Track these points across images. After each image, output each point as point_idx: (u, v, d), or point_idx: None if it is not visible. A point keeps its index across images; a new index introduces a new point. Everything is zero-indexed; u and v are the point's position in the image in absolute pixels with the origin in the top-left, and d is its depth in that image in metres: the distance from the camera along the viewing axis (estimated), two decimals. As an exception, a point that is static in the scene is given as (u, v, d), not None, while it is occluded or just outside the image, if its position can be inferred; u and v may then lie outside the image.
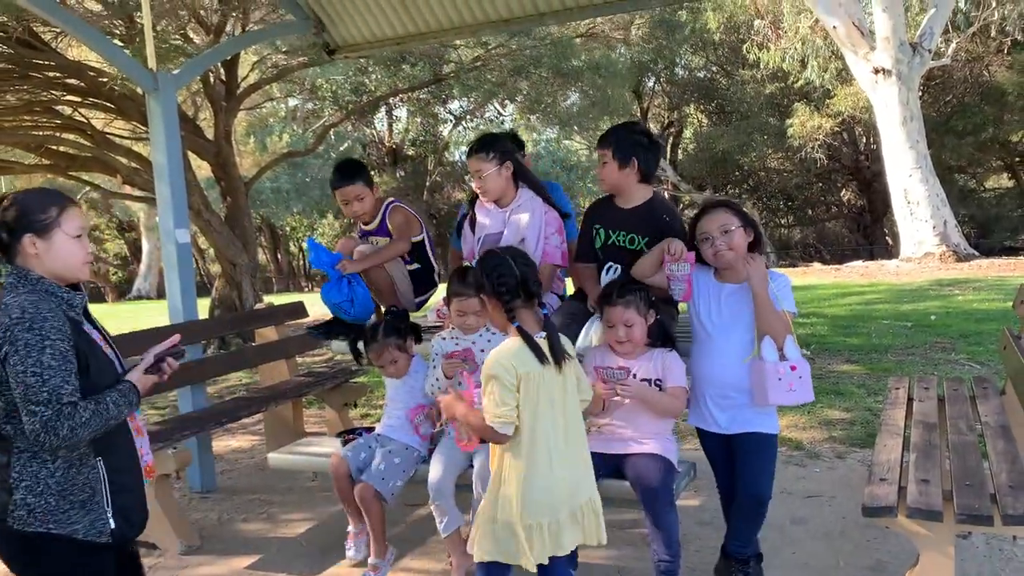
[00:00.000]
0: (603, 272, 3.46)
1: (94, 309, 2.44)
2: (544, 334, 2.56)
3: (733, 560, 3.19)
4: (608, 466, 3.15)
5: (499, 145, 3.75)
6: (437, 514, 3.37)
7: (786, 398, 2.98)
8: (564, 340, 2.64)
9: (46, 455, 2.15)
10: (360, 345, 3.72)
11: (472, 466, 3.36)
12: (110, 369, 2.29)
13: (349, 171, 4.04)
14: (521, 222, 3.71)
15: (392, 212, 4.09)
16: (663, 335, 3.23)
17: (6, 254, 2.23)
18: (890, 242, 24.99)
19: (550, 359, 2.51)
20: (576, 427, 2.64)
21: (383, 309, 4.10)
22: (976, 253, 17.48)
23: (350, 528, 3.65)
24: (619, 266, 3.43)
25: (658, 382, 3.16)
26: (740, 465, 3.14)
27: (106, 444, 2.24)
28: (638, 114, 31.12)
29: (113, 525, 2.25)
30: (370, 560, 3.53)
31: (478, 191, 3.79)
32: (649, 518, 3.01)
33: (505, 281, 2.56)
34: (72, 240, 2.25)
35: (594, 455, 3.13)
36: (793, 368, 2.95)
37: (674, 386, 3.15)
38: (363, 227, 4.21)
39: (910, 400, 3.96)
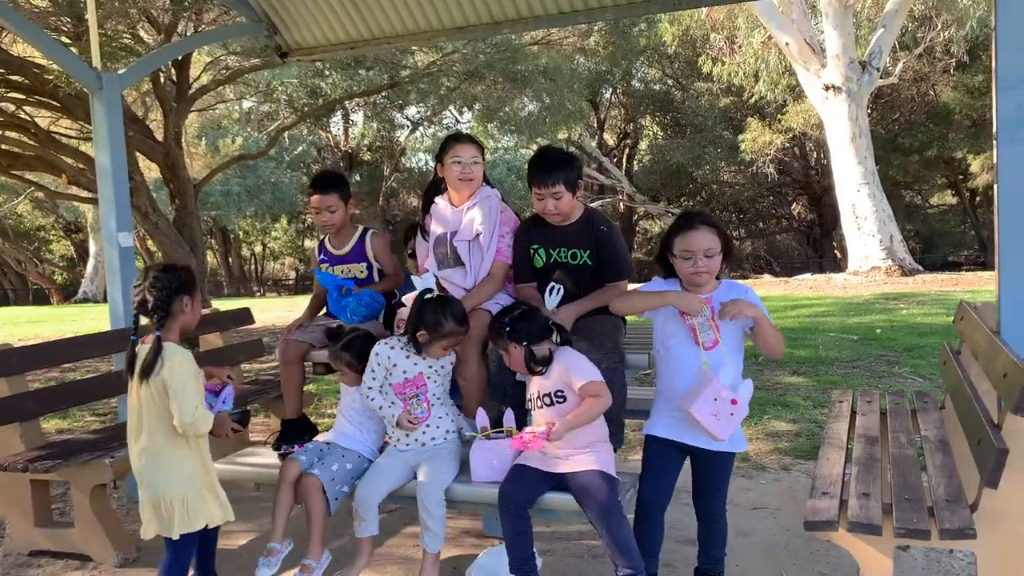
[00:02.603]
0: (547, 293, 3.45)
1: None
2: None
3: None
4: (550, 481, 3.13)
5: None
6: (356, 517, 3.32)
7: (707, 419, 2.94)
8: (172, 359, 2.96)
9: None
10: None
11: (416, 478, 3.32)
12: None
13: (327, 181, 4.14)
14: (476, 219, 3.72)
15: (374, 237, 4.16)
16: (563, 339, 3.21)
17: None
18: (839, 255, 25.49)
19: (133, 370, 3.03)
20: (148, 434, 3.03)
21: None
22: (920, 268, 17.91)
23: (271, 543, 3.44)
24: (562, 287, 3.44)
25: (559, 393, 3.13)
26: (697, 474, 3.21)
27: None
28: (595, 125, 31.37)
29: None
30: (304, 560, 3.40)
31: (464, 178, 3.75)
32: (603, 535, 2.99)
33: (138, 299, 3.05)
34: None
35: (536, 471, 3.13)
36: (734, 402, 2.93)
37: (584, 383, 3.07)
38: (332, 251, 4.19)
39: (853, 413, 4.01)
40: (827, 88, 17.57)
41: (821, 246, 29.57)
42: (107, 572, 3.87)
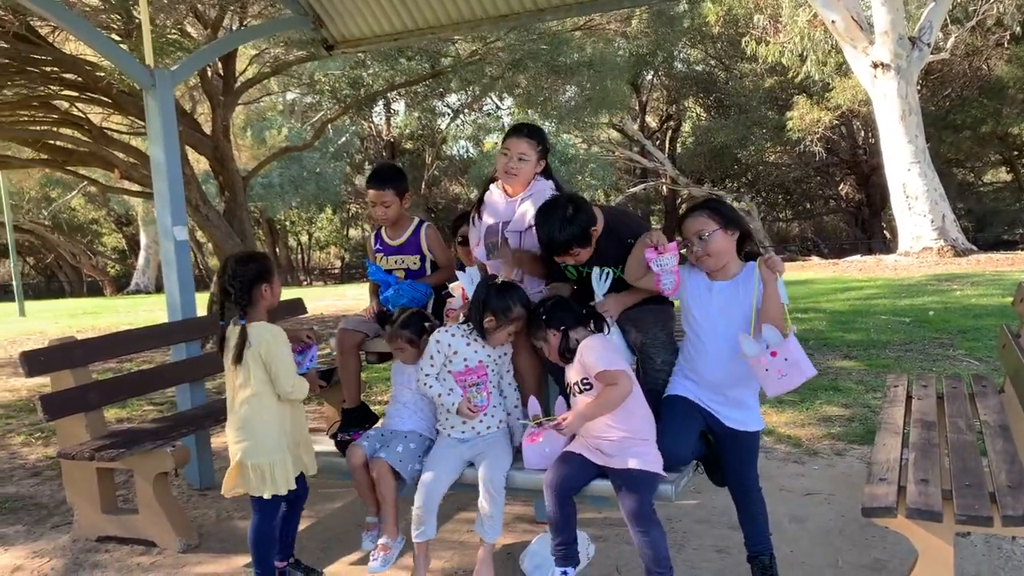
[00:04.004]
0: (595, 278, 3.43)
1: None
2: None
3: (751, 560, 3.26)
4: (597, 469, 3.14)
5: (546, 139, 3.83)
6: (415, 521, 3.30)
7: (780, 386, 2.97)
8: (264, 338, 3.20)
9: None
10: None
11: (472, 464, 3.36)
12: None
13: (383, 176, 4.17)
14: (528, 212, 3.71)
15: (429, 229, 4.21)
16: (598, 328, 3.23)
17: None
18: (888, 236, 25.01)
19: (228, 352, 3.25)
20: (241, 407, 3.26)
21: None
22: (974, 248, 17.50)
23: (369, 518, 3.58)
24: (611, 272, 3.42)
25: (585, 380, 3.14)
26: (725, 455, 3.27)
27: None
28: (636, 108, 31.09)
29: None
30: (380, 540, 3.44)
31: (508, 172, 3.73)
32: (633, 535, 3.00)
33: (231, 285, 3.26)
34: None
35: (583, 459, 3.17)
36: (774, 355, 2.94)
37: (599, 372, 3.06)
38: (387, 241, 4.24)
39: (909, 398, 3.95)
40: (875, 66, 17.19)
41: (870, 227, 29.03)
42: (171, 557, 3.98)
